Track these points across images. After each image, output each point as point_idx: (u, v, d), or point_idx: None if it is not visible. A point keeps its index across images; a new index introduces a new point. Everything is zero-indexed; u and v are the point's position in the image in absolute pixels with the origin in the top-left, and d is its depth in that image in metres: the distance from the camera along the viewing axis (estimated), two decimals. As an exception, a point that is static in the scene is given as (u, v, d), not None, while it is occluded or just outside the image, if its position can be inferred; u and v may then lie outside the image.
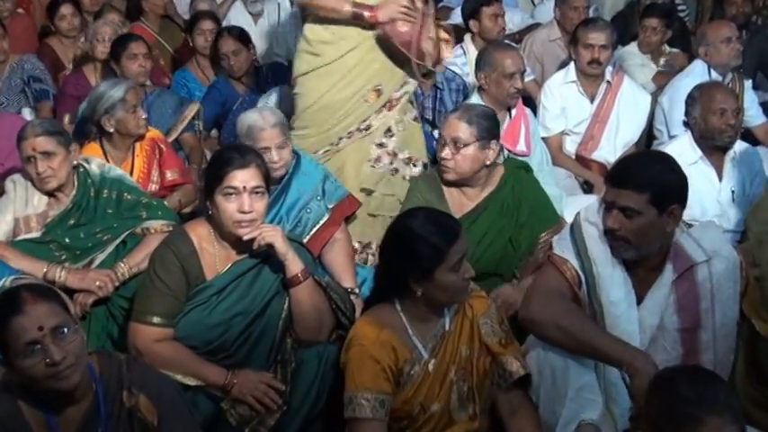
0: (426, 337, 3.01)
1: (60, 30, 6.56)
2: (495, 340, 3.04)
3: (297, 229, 3.93)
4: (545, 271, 3.04)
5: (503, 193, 3.97)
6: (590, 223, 3.04)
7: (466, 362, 3.02)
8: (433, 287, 2.92)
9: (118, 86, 4.59)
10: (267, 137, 3.97)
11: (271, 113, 4.14)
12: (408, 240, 2.94)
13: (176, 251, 3.35)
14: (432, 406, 2.99)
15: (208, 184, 3.33)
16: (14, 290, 2.62)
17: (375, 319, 3.01)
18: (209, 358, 3.35)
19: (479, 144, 3.95)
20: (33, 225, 3.99)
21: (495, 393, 3.06)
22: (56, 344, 2.48)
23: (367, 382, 2.90)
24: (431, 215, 3.03)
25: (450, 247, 2.90)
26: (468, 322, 3.04)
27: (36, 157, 3.92)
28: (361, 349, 2.94)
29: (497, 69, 4.90)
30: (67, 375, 2.51)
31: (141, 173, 4.60)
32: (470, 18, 6.22)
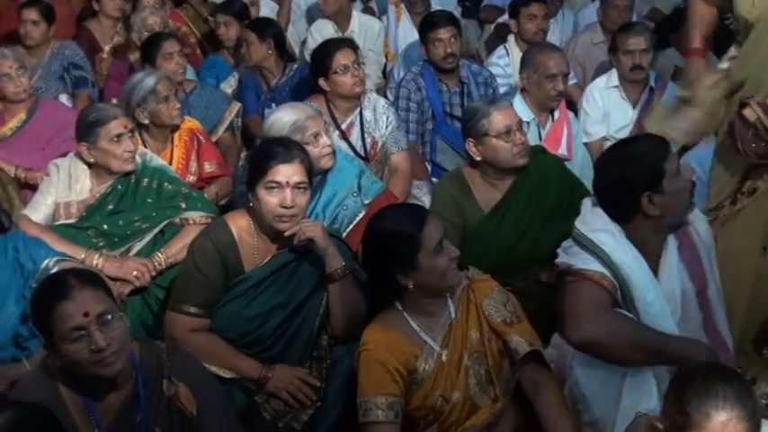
0: (434, 329, 3.01)
1: (106, 9, 6.50)
2: (499, 320, 3.03)
3: (333, 226, 3.90)
4: (581, 288, 2.95)
5: (528, 180, 3.94)
6: (600, 231, 3.00)
7: (478, 346, 3.02)
8: (421, 275, 2.92)
9: (149, 78, 4.59)
10: (316, 123, 3.96)
11: (303, 104, 4.14)
12: (382, 238, 2.97)
13: (216, 242, 3.35)
14: (452, 395, 2.99)
15: (251, 176, 3.33)
16: (62, 275, 2.63)
17: (380, 323, 3.02)
18: (245, 351, 3.35)
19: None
20: (74, 211, 4.00)
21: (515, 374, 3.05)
22: (101, 330, 2.50)
23: (374, 387, 2.92)
24: (395, 208, 3.10)
25: (422, 230, 2.91)
26: (474, 306, 3.04)
27: (125, 135, 3.95)
28: (367, 354, 2.95)
29: (539, 70, 4.88)
30: (111, 362, 2.52)
31: (180, 163, 4.60)
32: (512, 18, 6.18)
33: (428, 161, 5.35)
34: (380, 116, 4.84)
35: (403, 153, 4.85)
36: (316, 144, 3.88)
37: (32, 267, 3.35)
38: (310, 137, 3.86)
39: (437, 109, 5.33)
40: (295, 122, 3.90)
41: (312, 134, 3.88)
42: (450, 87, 5.41)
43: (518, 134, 3.88)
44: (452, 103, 5.40)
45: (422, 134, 5.36)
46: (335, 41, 4.94)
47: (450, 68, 5.36)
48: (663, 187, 2.94)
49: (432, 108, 5.33)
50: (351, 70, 4.68)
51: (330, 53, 4.70)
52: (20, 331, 3.32)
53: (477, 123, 3.89)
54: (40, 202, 4.04)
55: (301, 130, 3.87)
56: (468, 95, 5.40)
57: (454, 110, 5.37)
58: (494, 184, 3.95)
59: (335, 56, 4.67)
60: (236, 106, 5.38)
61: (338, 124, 4.72)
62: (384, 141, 4.81)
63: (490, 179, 3.95)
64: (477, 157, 3.92)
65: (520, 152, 3.88)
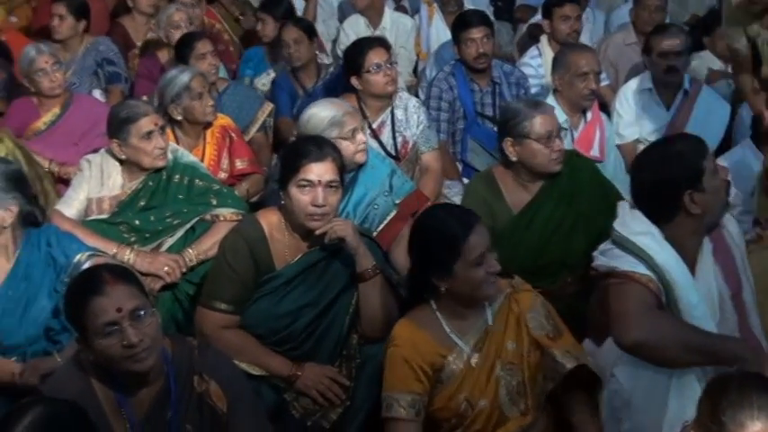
0: (467, 332, 2.99)
1: (140, 6, 6.55)
2: (542, 334, 3.01)
3: (364, 225, 3.89)
4: (628, 290, 2.91)
5: (559, 182, 3.91)
6: (642, 234, 2.97)
7: (513, 357, 3.00)
8: (455, 282, 2.92)
9: (183, 74, 4.60)
10: (354, 119, 3.94)
11: (340, 100, 4.14)
12: (425, 237, 2.97)
13: (247, 238, 3.36)
14: (479, 402, 2.97)
15: (283, 174, 3.34)
16: (95, 270, 2.65)
17: (411, 319, 3.02)
18: (275, 349, 3.36)
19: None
20: (106, 207, 4.02)
21: (547, 388, 3.03)
22: (133, 326, 2.51)
23: (398, 383, 2.93)
24: (446, 209, 3.06)
25: (466, 239, 2.89)
26: (515, 317, 3.02)
27: (155, 132, 3.97)
28: (394, 350, 2.96)
29: (571, 70, 4.85)
30: (143, 358, 2.53)
31: (211, 160, 4.61)
32: (545, 18, 6.15)
33: (459, 161, 5.33)
34: (412, 115, 4.83)
35: (434, 152, 4.83)
36: (353, 140, 3.87)
37: (65, 262, 3.37)
38: (348, 132, 3.85)
39: (468, 108, 5.31)
40: (333, 117, 3.88)
41: (350, 130, 3.86)
42: (482, 87, 5.39)
43: (557, 140, 3.86)
44: (484, 102, 5.37)
45: (453, 134, 5.34)
46: (369, 40, 4.94)
47: (483, 68, 5.34)
48: (703, 185, 2.92)
49: (463, 108, 5.31)
50: (383, 69, 4.67)
51: (363, 52, 4.69)
52: (51, 325, 3.34)
53: (518, 124, 3.86)
54: (72, 197, 4.07)
55: (339, 126, 3.85)
56: (500, 95, 5.38)
57: (486, 110, 5.35)
58: (525, 186, 3.93)
59: (368, 55, 4.67)
60: (268, 107, 5.36)
61: (369, 123, 4.71)
62: (415, 141, 4.80)
63: (522, 181, 3.93)
64: (513, 158, 3.89)
65: (557, 158, 3.86)
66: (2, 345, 3.32)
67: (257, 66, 6.11)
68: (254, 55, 6.21)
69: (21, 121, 4.96)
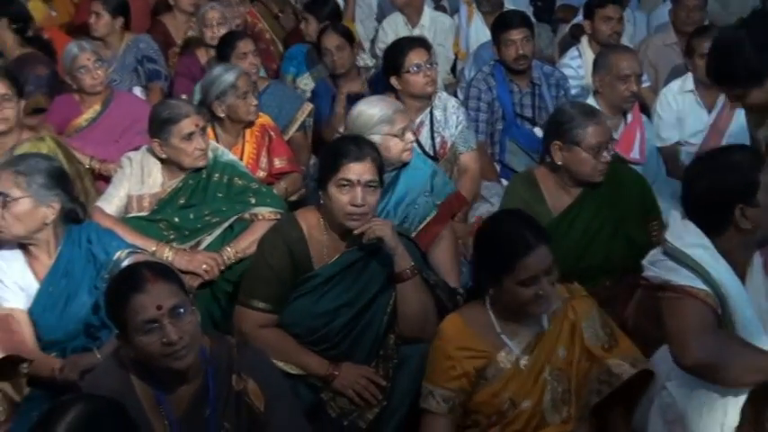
0: (518, 334, 2.98)
1: (180, 4, 6.59)
2: (597, 345, 2.99)
3: (403, 224, 3.88)
4: (686, 307, 2.83)
5: (601, 188, 3.88)
6: (696, 246, 2.91)
7: (563, 364, 2.98)
8: (502, 294, 2.91)
9: (230, 72, 4.63)
10: (404, 118, 3.95)
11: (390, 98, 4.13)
12: (487, 240, 2.97)
13: (286, 238, 3.37)
14: (522, 402, 2.96)
15: (322, 173, 3.34)
16: (136, 267, 2.67)
17: (463, 315, 3.02)
18: (312, 348, 3.36)
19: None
20: (146, 204, 4.06)
21: (593, 401, 3.00)
22: (173, 323, 2.53)
23: (436, 377, 2.94)
24: (517, 222, 2.98)
25: (523, 258, 2.85)
26: (569, 324, 3.00)
27: (196, 133, 3.99)
28: (439, 344, 2.97)
29: (612, 71, 4.81)
30: (183, 355, 2.55)
31: (250, 159, 4.63)
32: (586, 19, 6.11)
33: (497, 162, 5.31)
34: (450, 115, 4.82)
35: (472, 153, 4.82)
36: (402, 138, 3.87)
37: (105, 258, 3.39)
38: (399, 131, 3.86)
39: (507, 109, 5.29)
40: (384, 115, 3.87)
41: (401, 128, 3.87)
42: (522, 88, 5.36)
43: (605, 153, 3.81)
44: (523, 104, 5.35)
45: (491, 134, 5.32)
46: (409, 40, 4.93)
47: (522, 70, 5.31)
48: (757, 200, 2.84)
49: (502, 108, 5.30)
50: (423, 70, 4.66)
51: (403, 52, 4.69)
52: (91, 321, 3.36)
53: (571, 130, 3.82)
54: (112, 194, 4.10)
55: (390, 123, 3.85)
56: (540, 97, 5.35)
57: (525, 111, 5.33)
58: (566, 190, 3.90)
59: (408, 55, 4.66)
60: (308, 107, 5.37)
61: (408, 123, 4.70)
62: (453, 141, 4.79)
63: (564, 184, 3.90)
64: (559, 162, 3.86)
65: (602, 170, 3.83)
66: (42, 340, 3.36)
67: (300, 64, 6.12)
68: (297, 53, 6.22)
69: (62, 117, 5.00)
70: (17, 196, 3.26)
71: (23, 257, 3.38)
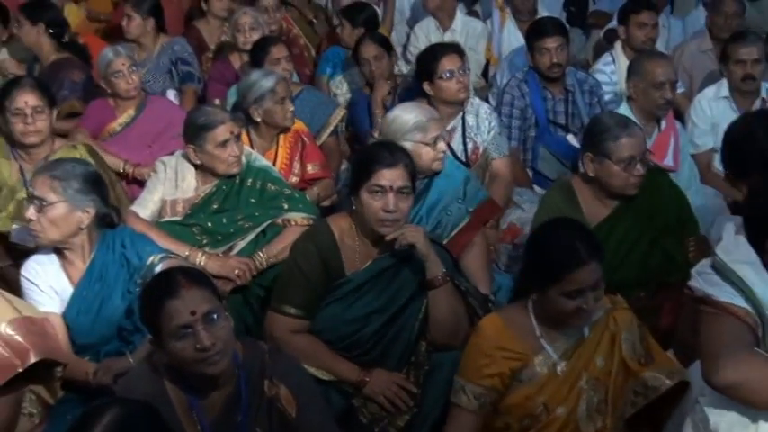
0: (558, 339, 2.96)
1: (213, 9, 6.65)
2: (634, 358, 2.97)
3: (436, 231, 3.88)
4: (723, 324, 2.75)
5: (639, 200, 3.85)
6: (741, 263, 2.85)
7: (600, 373, 2.96)
8: (545, 301, 2.90)
9: (268, 77, 4.66)
10: (438, 126, 3.94)
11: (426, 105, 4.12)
12: (536, 248, 2.95)
13: (318, 244, 3.37)
14: (556, 409, 2.94)
15: (355, 179, 3.34)
16: (171, 273, 2.68)
17: (503, 315, 3.01)
18: (343, 354, 3.36)
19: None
20: (179, 209, 4.08)
21: (629, 412, 2.98)
22: (206, 329, 2.54)
23: (470, 372, 2.94)
24: (568, 232, 2.95)
25: (570, 272, 2.83)
26: (609, 334, 2.98)
27: (231, 140, 4.02)
28: (477, 341, 2.96)
29: (647, 78, 4.77)
30: (216, 361, 2.56)
31: (284, 164, 4.65)
32: (620, 24, 6.07)
33: (529, 168, 5.29)
34: (483, 121, 4.82)
35: (504, 159, 4.81)
36: (434, 147, 3.86)
37: (138, 263, 3.42)
38: (431, 139, 3.85)
39: (540, 116, 5.27)
40: (418, 122, 3.87)
41: (433, 137, 3.86)
42: (555, 95, 5.34)
43: (639, 165, 3.77)
44: (556, 110, 5.32)
45: (524, 141, 5.30)
46: (442, 46, 4.92)
47: (556, 77, 5.30)
48: None
49: (535, 115, 5.27)
50: (456, 76, 4.65)
51: (436, 58, 4.68)
52: (124, 325, 3.39)
53: (602, 142, 3.79)
54: (147, 198, 4.13)
55: (423, 131, 3.85)
56: (573, 103, 5.32)
57: (558, 118, 5.30)
58: (603, 201, 3.88)
59: (442, 61, 4.65)
60: (340, 112, 5.38)
61: (440, 128, 4.70)
62: (485, 147, 4.79)
63: (599, 195, 3.88)
64: (591, 174, 3.84)
65: (635, 183, 3.79)
66: (76, 344, 3.38)
67: (336, 67, 6.14)
68: (334, 55, 6.24)
69: (97, 122, 5.04)
70: (53, 201, 3.29)
71: (58, 262, 3.41)
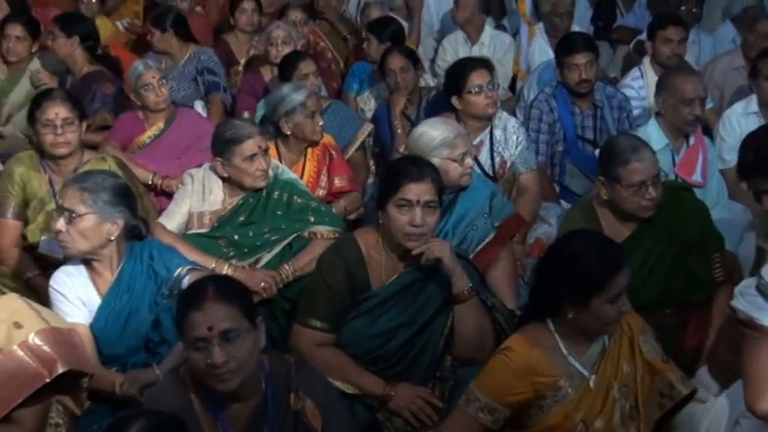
0: (584, 354, 2.94)
1: (239, 24, 6.72)
2: (657, 358, 2.97)
3: (462, 245, 3.88)
4: (766, 350, 2.77)
5: (661, 217, 3.82)
6: None
7: (628, 380, 2.95)
8: (587, 314, 2.86)
9: (299, 91, 4.67)
10: (465, 143, 3.94)
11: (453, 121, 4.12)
12: (570, 263, 2.89)
13: (344, 257, 3.38)
14: (594, 422, 2.92)
15: (381, 193, 3.34)
16: (203, 282, 2.69)
17: (527, 336, 2.96)
18: (369, 368, 3.36)
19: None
20: (206, 222, 4.11)
21: (656, 416, 2.97)
22: (221, 346, 2.54)
23: (490, 390, 2.90)
24: (597, 241, 2.97)
25: (613, 278, 2.83)
26: (627, 339, 2.97)
27: (259, 154, 4.04)
28: (504, 361, 2.92)
29: (676, 94, 4.74)
30: (226, 379, 2.56)
31: (311, 177, 4.66)
32: (649, 39, 6.05)
33: (556, 183, 5.27)
34: (510, 135, 4.81)
35: (532, 174, 4.81)
36: (461, 163, 3.86)
37: (166, 275, 3.43)
38: (458, 155, 3.85)
39: (569, 131, 5.25)
40: (445, 138, 3.87)
41: (460, 154, 3.86)
42: (584, 110, 5.31)
43: (651, 188, 3.73)
44: (585, 126, 5.30)
45: (551, 156, 5.28)
46: (472, 61, 4.91)
47: (585, 93, 5.28)
48: None
49: (563, 130, 5.25)
50: (485, 91, 4.65)
51: (465, 72, 4.68)
52: (151, 337, 3.40)
53: (612, 167, 3.77)
54: (174, 211, 4.16)
55: (450, 147, 3.85)
56: (602, 119, 5.30)
57: (586, 133, 5.28)
58: (623, 221, 3.85)
59: (470, 75, 4.65)
60: (368, 127, 5.37)
61: (468, 142, 4.70)
62: (513, 161, 4.78)
63: (619, 216, 3.85)
64: (605, 197, 3.82)
65: (647, 207, 3.76)
66: (103, 355, 3.40)
67: (363, 82, 6.16)
68: (361, 70, 6.24)
69: (127, 134, 5.08)
70: (82, 212, 3.31)
71: (87, 273, 3.43)
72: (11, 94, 5.77)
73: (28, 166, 4.25)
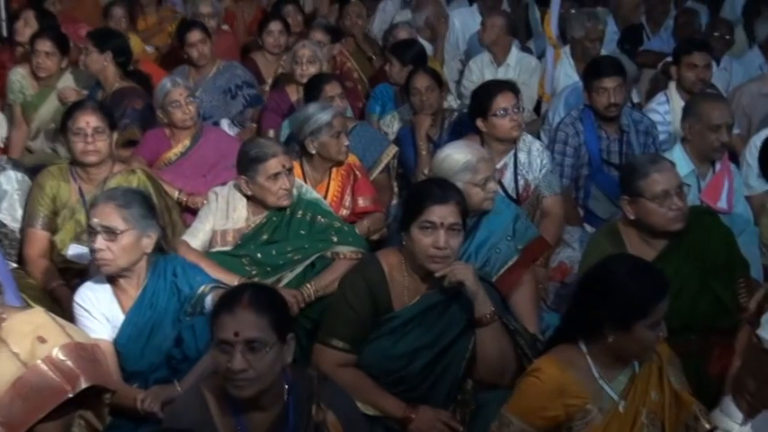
0: (614, 378, 2.93)
1: (266, 45, 6.79)
2: (683, 389, 2.97)
3: (485, 268, 3.86)
4: None
5: (686, 241, 3.80)
6: None
7: (656, 407, 2.94)
8: (628, 339, 2.85)
9: (326, 111, 4.68)
10: (488, 167, 3.93)
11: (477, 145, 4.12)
12: (614, 287, 2.87)
13: (367, 278, 3.38)
14: None
15: (405, 215, 3.35)
16: (241, 288, 2.76)
17: (561, 358, 2.95)
18: (389, 390, 3.35)
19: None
20: (230, 239, 4.12)
21: None
22: (243, 354, 2.57)
23: (522, 412, 2.89)
24: (641, 266, 2.97)
25: (657, 303, 2.84)
26: (656, 367, 2.97)
27: (282, 173, 4.06)
28: (535, 383, 2.91)
29: (702, 120, 4.72)
30: (241, 386, 2.59)
31: (335, 197, 4.67)
32: (674, 64, 6.03)
33: (580, 207, 5.25)
34: (535, 159, 4.81)
35: (556, 197, 4.80)
36: (483, 188, 3.85)
37: (189, 292, 3.45)
38: (481, 180, 3.84)
39: (594, 155, 5.23)
40: (468, 162, 3.86)
41: (483, 178, 3.85)
42: (610, 134, 5.28)
43: (675, 198, 3.72)
44: (611, 150, 5.27)
45: (576, 179, 5.27)
46: (497, 84, 4.92)
47: (612, 117, 5.27)
48: None
49: (589, 154, 5.23)
50: (510, 114, 4.65)
51: (491, 95, 4.68)
52: (173, 353, 3.42)
53: (633, 182, 3.76)
54: (198, 228, 4.18)
55: (473, 171, 3.84)
56: (628, 144, 5.27)
57: (612, 157, 5.25)
58: (649, 243, 3.82)
59: (496, 98, 4.65)
60: (393, 149, 5.35)
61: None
62: (537, 184, 4.77)
63: (645, 237, 3.83)
64: (631, 216, 3.80)
65: (675, 217, 3.73)
66: (125, 371, 3.41)
67: (385, 104, 6.17)
68: (382, 93, 6.25)
69: (153, 150, 5.11)
70: (123, 229, 3.33)
71: (111, 289, 3.45)
72: (40, 110, 5.84)
73: (58, 177, 4.30)
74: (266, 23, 6.83)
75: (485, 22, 7.06)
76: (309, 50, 6.03)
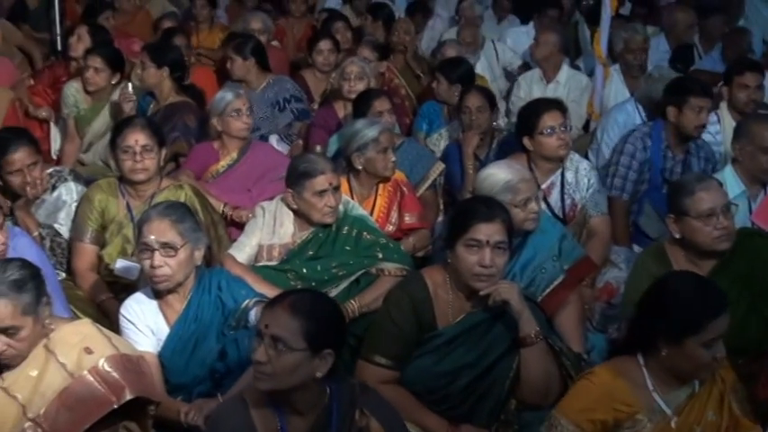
0: (670, 393, 2.92)
1: (316, 63, 6.84)
2: (746, 417, 2.95)
3: (530, 288, 3.83)
4: None
5: (736, 263, 3.76)
6: None
7: (712, 427, 2.92)
8: (680, 354, 2.85)
9: (373, 127, 4.69)
10: (529, 188, 3.90)
11: (519, 165, 4.10)
12: (670, 301, 2.89)
13: (412, 296, 3.38)
14: None
15: (451, 232, 3.34)
16: (296, 290, 2.93)
17: (615, 366, 2.97)
18: (432, 408, 3.34)
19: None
20: (275, 254, 4.15)
21: None
22: (266, 347, 2.64)
23: (573, 412, 2.90)
24: (699, 283, 2.98)
25: (710, 321, 2.82)
26: (719, 391, 2.96)
27: (329, 191, 4.08)
28: (587, 385, 2.93)
29: (754, 142, 4.66)
30: (260, 378, 2.67)
31: (381, 213, 4.67)
32: (725, 85, 5.96)
33: (631, 223, 5.19)
34: (582, 178, 4.77)
35: (603, 217, 4.76)
36: (524, 209, 3.83)
37: (233, 306, 3.47)
38: (521, 201, 3.81)
39: (656, 173, 5.16)
40: (509, 182, 3.84)
41: (523, 199, 3.83)
42: (676, 155, 5.22)
43: (722, 218, 3.69)
44: (673, 171, 5.18)
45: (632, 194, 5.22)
46: (545, 102, 4.89)
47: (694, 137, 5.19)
48: None
49: (650, 171, 5.18)
50: (557, 133, 4.62)
51: (538, 113, 4.66)
52: (217, 367, 3.44)
53: (679, 200, 3.74)
54: (244, 242, 4.20)
55: (513, 192, 3.82)
56: (689, 167, 5.20)
57: (673, 177, 5.13)
58: (697, 264, 3.77)
59: (543, 117, 4.63)
60: (440, 166, 5.33)
61: (538, 184, 4.65)
62: (584, 204, 4.73)
63: (693, 258, 3.79)
64: (676, 235, 3.77)
65: (721, 237, 3.70)
66: (169, 383, 3.43)
67: (432, 122, 6.17)
68: (430, 110, 6.26)
69: (200, 163, 5.15)
70: (181, 244, 3.37)
71: (156, 302, 3.48)
72: (93, 123, 5.91)
73: (107, 191, 4.35)
74: (316, 42, 6.87)
75: (538, 38, 7.08)
76: (357, 67, 6.05)
